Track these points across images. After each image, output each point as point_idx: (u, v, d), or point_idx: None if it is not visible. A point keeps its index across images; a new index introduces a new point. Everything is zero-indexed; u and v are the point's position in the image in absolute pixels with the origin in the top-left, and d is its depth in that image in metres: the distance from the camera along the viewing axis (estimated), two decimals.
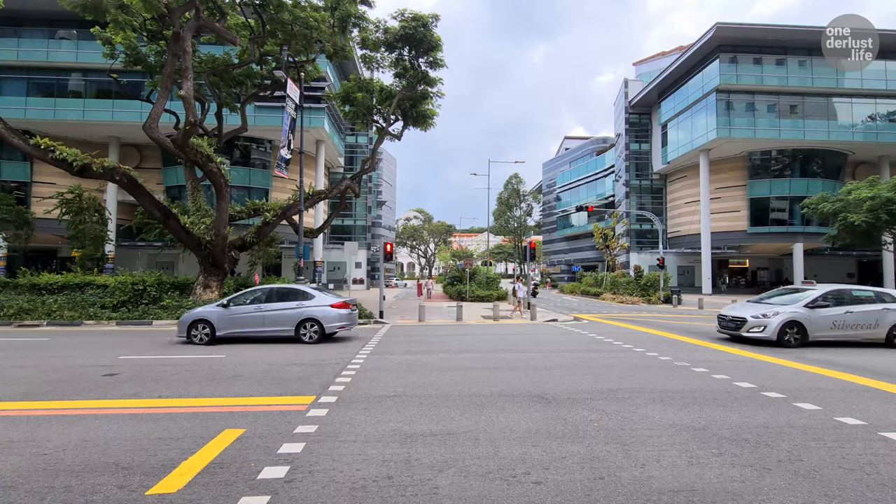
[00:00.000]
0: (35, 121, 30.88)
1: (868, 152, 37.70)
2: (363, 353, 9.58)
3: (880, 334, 10.92)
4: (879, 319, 10.91)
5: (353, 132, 46.68)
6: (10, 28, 31.48)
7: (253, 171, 35.33)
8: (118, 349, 9.89)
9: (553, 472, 3.64)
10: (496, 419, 5.04)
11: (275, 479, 3.48)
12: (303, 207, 18.03)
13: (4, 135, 13.32)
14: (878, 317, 10.91)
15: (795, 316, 10.72)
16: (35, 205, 31.35)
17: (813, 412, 5.40)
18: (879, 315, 10.92)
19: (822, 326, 10.75)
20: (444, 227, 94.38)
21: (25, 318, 14.48)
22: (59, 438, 4.39)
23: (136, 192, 15.24)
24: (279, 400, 5.84)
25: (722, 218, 39.26)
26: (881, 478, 3.61)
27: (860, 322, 10.84)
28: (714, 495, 3.28)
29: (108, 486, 3.38)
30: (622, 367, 8.20)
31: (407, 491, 3.32)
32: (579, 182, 63.28)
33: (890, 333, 10.89)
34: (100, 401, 5.77)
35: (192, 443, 4.26)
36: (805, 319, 10.72)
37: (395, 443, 4.29)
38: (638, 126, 49.06)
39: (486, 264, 48.03)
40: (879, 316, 10.92)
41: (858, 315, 10.85)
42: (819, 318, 10.77)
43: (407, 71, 19.79)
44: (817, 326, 10.73)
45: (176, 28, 14.27)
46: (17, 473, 3.59)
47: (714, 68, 36.10)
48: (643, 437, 4.47)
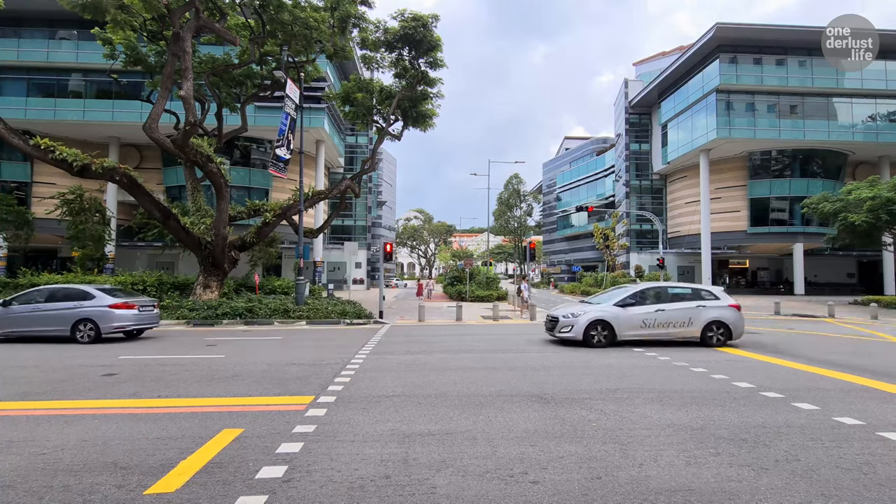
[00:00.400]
0: (35, 121, 30.90)
1: (868, 152, 37.68)
2: (363, 353, 9.59)
3: (694, 332, 10.59)
4: (693, 317, 10.55)
5: (353, 132, 46.69)
6: (10, 28, 31.51)
7: (253, 171, 35.34)
8: (118, 349, 9.90)
9: (550, 472, 3.65)
10: (494, 419, 5.04)
11: (273, 479, 3.49)
12: (303, 208, 18.05)
13: (4, 135, 13.33)
14: (693, 314, 10.56)
15: (602, 315, 10.43)
16: (35, 205, 31.37)
17: (811, 412, 5.41)
18: (694, 313, 10.57)
19: (631, 325, 10.44)
20: (445, 227, 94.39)
21: None
22: (57, 438, 4.40)
23: (136, 192, 15.26)
24: (278, 400, 5.85)
25: (722, 218, 39.25)
26: (878, 477, 3.61)
27: (672, 320, 10.48)
28: (711, 495, 3.28)
29: (107, 485, 3.38)
30: (621, 367, 8.20)
31: (405, 490, 3.32)
32: (579, 182, 63.27)
33: (704, 332, 10.55)
34: (99, 401, 5.78)
35: (190, 442, 4.27)
36: (612, 318, 10.41)
37: (394, 442, 4.30)
38: (638, 126, 49.05)
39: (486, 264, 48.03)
40: (694, 314, 10.56)
41: (671, 313, 10.50)
42: (628, 316, 10.47)
43: (407, 71, 19.81)
44: (626, 325, 10.43)
45: (176, 28, 14.29)
46: (15, 473, 3.60)
47: (714, 68, 36.09)
48: (641, 437, 4.47)
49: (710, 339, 10.55)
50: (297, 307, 15.92)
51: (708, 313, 10.59)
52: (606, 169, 56.88)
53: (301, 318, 15.45)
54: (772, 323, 17.28)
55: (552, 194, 72.98)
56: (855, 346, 11.32)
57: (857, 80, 35.06)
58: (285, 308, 15.72)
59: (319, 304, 16.70)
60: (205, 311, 14.96)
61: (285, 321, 15.18)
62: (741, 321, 10.85)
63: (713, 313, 10.61)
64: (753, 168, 38.78)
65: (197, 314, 14.86)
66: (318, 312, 15.88)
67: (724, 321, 10.59)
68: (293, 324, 15.07)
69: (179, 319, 14.76)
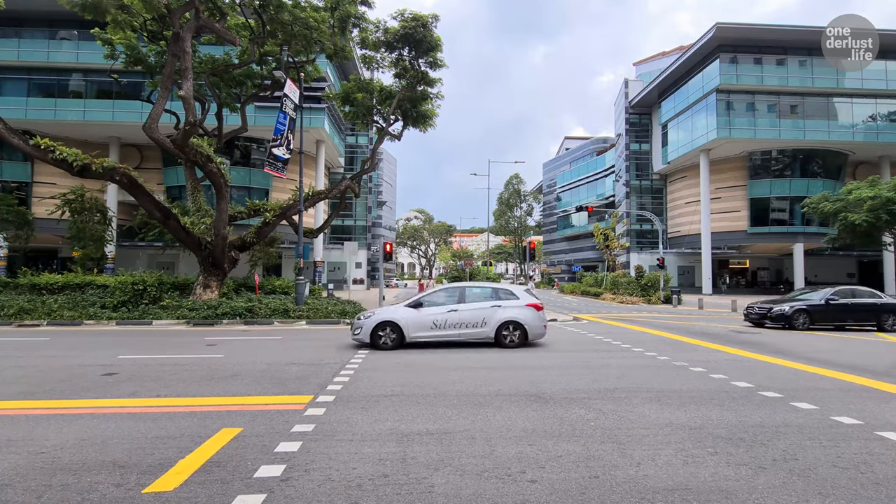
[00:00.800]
0: (36, 121, 30.94)
1: (868, 152, 37.70)
2: (362, 352, 9.59)
3: (489, 333, 10.16)
4: (488, 317, 10.15)
5: (354, 132, 46.72)
6: (10, 28, 31.55)
7: (253, 171, 35.37)
8: (118, 349, 9.91)
9: (548, 471, 3.65)
10: (493, 418, 5.05)
11: (271, 478, 3.50)
12: (302, 207, 18.06)
13: (4, 135, 13.34)
14: (487, 315, 10.16)
15: (391, 316, 10.06)
16: (36, 205, 31.40)
17: (810, 411, 5.41)
18: (488, 313, 10.17)
19: (421, 326, 10.02)
20: (445, 227, 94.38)
21: (26, 317, 14.50)
22: (57, 437, 4.40)
23: (136, 192, 15.26)
24: (277, 399, 5.86)
25: (722, 218, 39.25)
26: (876, 476, 3.62)
27: (465, 321, 10.09)
28: (708, 494, 3.29)
29: (105, 484, 3.39)
30: (620, 366, 8.21)
31: (402, 489, 3.33)
32: (580, 182, 63.29)
33: (498, 332, 10.14)
34: (98, 400, 5.79)
35: (189, 441, 4.28)
36: (402, 319, 9.99)
37: (392, 442, 4.31)
38: (638, 126, 49.07)
39: (486, 264, 48.05)
40: (488, 314, 10.17)
41: (464, 314, 10.11)
42: (420, 317, 10.06)
43: (407, 71, 19.80)
44: (416, 326, 10.00)
45: (176, 28, 14.29)
46: (14, 472, 3.61)
47: (714, 68, 36.10)
48: (639, 437, 4.48)
49: (505, 339, 10.12)
50: (296, 307, 15.92)
51: (503, 313, 10.19)
52: (606, 169, 56.90)
53: (301, 317, 15.46)
54: None
55: (552, 194, 73.00)
56: (855, 346, 11.32)
57: (858, 80, 35.07)
58: (285, 308, 15.73)
59: (319, 304, 16.70)
60: (205, 310, 14.97)
61: (285, 321, 15.19)
62: (539, 321, 10.40)
63: (509, 313, 10.21)
64: (753, 168, 38.78)
65: (197, 314, 14.87)
66: (318, 312, 15.89)
67: (520, 321, 10.17)
68: (293, 324, 15.08)
69: (179, 319, 14.77)
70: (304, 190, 18.17)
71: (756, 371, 7.84)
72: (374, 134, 36.29)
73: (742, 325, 15.98)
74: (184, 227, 16.12)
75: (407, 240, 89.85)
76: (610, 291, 33.66)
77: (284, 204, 19.16)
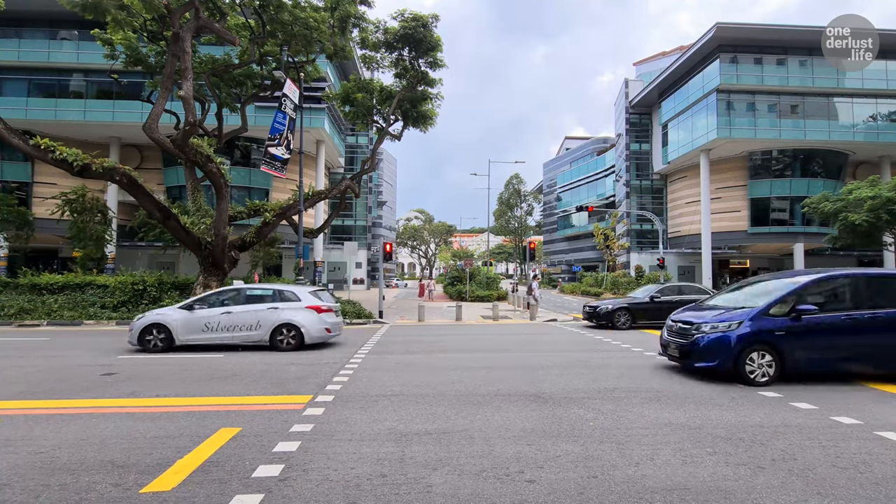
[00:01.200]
0: (36, 121, 30.94)
1: (869, 152, 37.64)
2: (361, 352, 9.60)
3: (263, 336, 9.82)
4: (262, 320, 9.83)
5: (354, 132, 46.71)
6: (11, 28, 31.56)
7: (253, 171, 35.34)
8: (117, 349, 9.91)
9: (547, 471, 3.65)
10: (492, 418, 5.05)
11: (269, 478, 3.50)
12: (302, 208, 18.05)
13: (4, 135, 13.35)
14: (262, 317, 9.84)
15: (161, 318, 9.67)
16: (36, 205, 31.40)
17: (809, 411, 5.40)
18: (263, 315, 9.86)
19: (192, 329, 9.67)
20: (445, 227, 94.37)
21: (26, 317, 14.52)
22: (55, 437, 4.41)
23: (136, 192, 15.26)
24: (276, 399, 5.86)
25: (722, 218, 39.21)
26: (875, 476, 3.61)
27: (238, 323, 9.77)
28: (707, 493, 3.29)
29: (103, 484, 3.39)
30: (620, 366, 8.20)
31: (400, 489, 3.33)
32: (580, 182, 63.27)
33: (273, 335, 9.82)
34: (97, 400, 5.79)
35: (187, 441, 4.28)
36: (172, 321, 9.61)
37: (391, 442, 4.30)
38: (638, 126, 49.04)
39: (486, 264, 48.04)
40: (263, 316, 9.85)
41: (238, 316, 9.81)
42: (192, 319, 9.73)
43: (407, 71, 19.80)
44: (186, 329, 9.65)
45: (176, 28, 14.29)
46: (13, 471, 3.61)
47: (714, 68, 36.06)
48: (638, 436, 4.47)
49: (280, 342, 9.81)
50: None
51: (279, 315, 9.90)
52: (607, 169, 56.87)
53: None
54: None
55: (552, 194, 72.98)
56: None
57: (858, 79, 35.02)
58: None
59: None
60: None
61: None
62: (319, 323, 10.07)
63: (286, 315, 9.91)
64: (754, 168, 38.74)
65: None
66: None
67: (296, 324, 9.85)
68: None
69: None
70: (304, 190, 18.17)
71: None
72: (374, 134, 36.30)
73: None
74: (184, 227, 16.12)
75: (407, 240, 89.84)
76: (610, 291, 33.65)
77: (284, 204, 19.16)
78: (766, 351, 6.68)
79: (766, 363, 6.68)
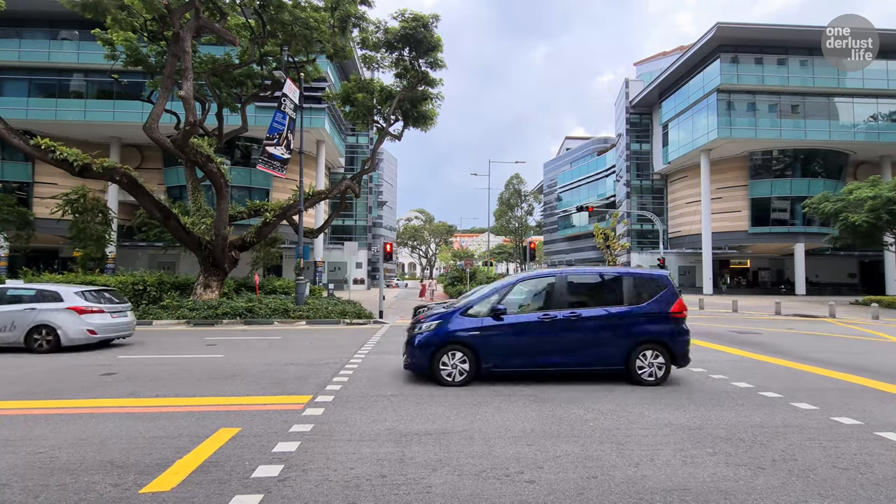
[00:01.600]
0: (37, 121, 30.97)
1: (869, 152, 37.62)
2: (362, 352, 9.59)
3: (18, 337, 9.29)
4: (18, 320, 9.29)
5: (354, 132, 46.72)
6: (11, 29, 31.58)
7: (253, 171, 35.31)
8: (117, 349, 9.91)
9: (546, 471, 3.64)
10: (491, 418, 5.04)
11: (268, 478, 3.49)
12: (303, 208, 18.06)
13: (5, 135, 13.35)
14: (17, 318, 9.30)
15: None
16: (37, 205, 31.44)
17: (809, 412, 5.40)
18: (19, 316, 9.31)
19: None
20: (445, 227, 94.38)
21: None
22: (55, 437, 4.40)
23: (137, 192, 15.27)
24: (275, 399, 5.85)
25: (723, 218, 39.19)
26: (875, 477, 3.60)
27: None
28: (707, 494, 3.28)
29: (103, 484, 3.39)
30: None
31: (400, 489, 3.32)
32: (580, 182, 63.28)
33: (29, 336, 9.29)
34: (97, 400, 5.79)
35: (187, 441, 4.27)
36: None
37: (390, 442, 4.30)
38: (639, 126, 49.04)
39: (486, 264, 48.04)
40: (19, 317, 9.31)
41: None
42: None
43: (407, 71, 19.79)
44: None
45: (176, 29, 14.29)
46: (12, 472, 3.61)
47: (715, 68, 36.05)
48: (638, 437, 4.47)
49: (36, 344, 9.31)
50: (297, 307, 15.92)
51: (35, 316, 9.35)
52: (607, 169, 56.86)
53: (301, 317, 15.45)
54: (772, 323, 17.25)
55: (553, 194, 73.00)
56: (855, 347, 11.30)
57: (859, 79, 35.00)
58: (285, 308, 15.73)
59: (319, 304, 16.70)
60: (205, 310, 14.98)
61: (285, 321, 15.18)
62: (76, 324, 9.49)
63: (41, 316, 9.38)
64: (754, 168, 38.72)
65: (197, 314, 14.88)
66: (318, 312, 15.88)
67: (53, 325, 9.33)
68: (293, 324, 15.08)
69: (179, 319, 14.77)
70: (304, 190, 18.17)
71: (756, 371, 7.82)
72: (374, 134, 36.29)
73: (743, 325, 15.95)
74: (184, 227, 16.12)
75: (407, 240, 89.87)
76: None
77: (285, 204, 19.17)
78: (460, 350, 6.55)
79: (459, 361, 6.54)
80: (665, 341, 6.79)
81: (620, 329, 6.80)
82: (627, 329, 6.80)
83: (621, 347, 6.75)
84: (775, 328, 15.30)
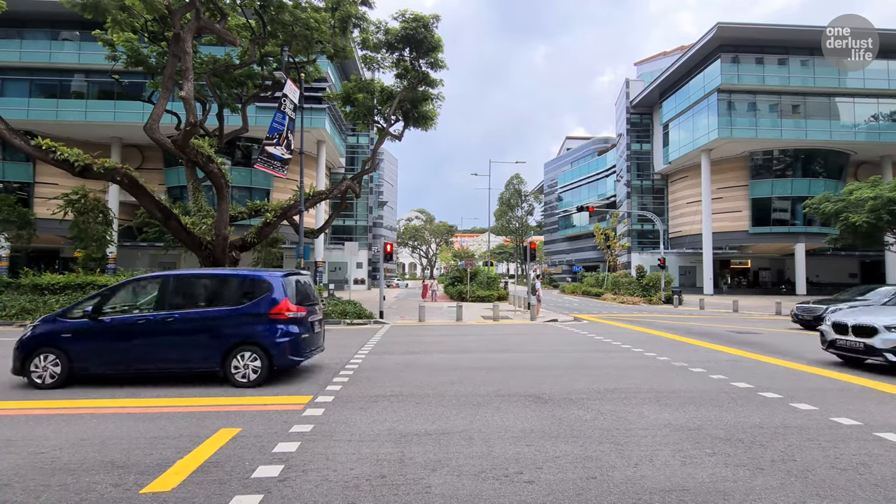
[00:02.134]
0: (37, 121, 31.03)
1: (870, 152, 37.61)
2: (362, 352, 9.60)
3: None
4: None
5: (355, 133, 46.75)
6: (12, 29, 31.63)
7: (254, 171, 35.33)
8: None
9: (546, 472, 3.65)
10: (491, 419, 5.05)
11: (268, 478, 3.50)
12: (303, 208, 18.07)
13: (6, 136, 13.36)
14: None
15: None
16: (38, 205, 31.47)
17: (809, 412, 5.40)
18: None
19: None
20: (446, 227, 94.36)
21: (28, 317, 14.53)
22: (56, 437, 4.42)
23: (137, 192, 15.27)
24: (276, 399, 5.87)
25: (723, 218, 39.19)
26: (874, 477, 3.61)
27: None
28: (706, 495, 3.29)
29: (103, 484, 3.40)
30: (620, 366, 8.20)
31: (399, 490, 3.33)
32: (581, 182, 63.30)
33: None
34: (97, 400, 5.81)
35: (187, 442, 4.29)
36: None
37: (390, 442, 4.31)
38: (639, 126, 49.04)
39: (487, 264, 48.05)
40: None
41: None
42: None
43: (408, 72, 19.80)
44: None
45: (176, 29, 14.30)
46: (13, 472, 3.62)
47: (715, 68, 36.05)
48: (638, 437, 4.47)
49: None
50: None
51: None
52: (608, 169, 56.87)
53: None
54: (773, 323, 17.25)
55: (553, 194, 73.01)
56: None
57: (860, 79, 34.99)
58: None
59: None
60: None
61: None
62: None
63: None
64: (755, 168, 38.71)
65: None
66: None
67: None
68: None
69: None
70: (304, 190, 18.19)
71: (756, 371, 7.82)
72: (374, 134, 36.32)
73: (742, 325, 15.95)
74: (185, 228, 16.13)
75: (408, 240, 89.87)
76: (611, 292, 33.61)
77: (285, 204, 19.17)
78: (52, 353, 6.42)
79: (51, 364, 6.39)
80: (261, 342, 6.57)
81: (215, 330, 6.64)
82: (222, 330, 6.63)
83: (216, 349, 6.59)
84: (775, 328, 15.30)
